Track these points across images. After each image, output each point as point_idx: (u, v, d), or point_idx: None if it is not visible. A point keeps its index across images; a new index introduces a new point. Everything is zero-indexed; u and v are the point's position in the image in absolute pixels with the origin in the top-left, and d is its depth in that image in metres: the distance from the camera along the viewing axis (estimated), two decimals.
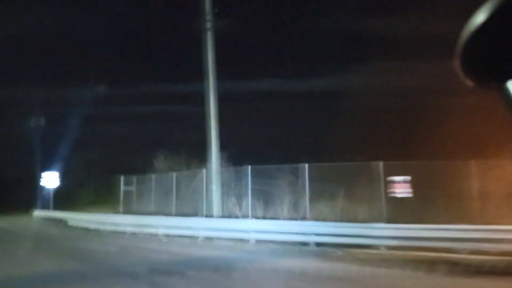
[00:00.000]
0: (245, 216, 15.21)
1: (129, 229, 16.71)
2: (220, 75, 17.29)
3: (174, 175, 20.14)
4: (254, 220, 13.51)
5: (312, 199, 14.28)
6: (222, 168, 17.62)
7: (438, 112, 17.30)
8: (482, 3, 0.96)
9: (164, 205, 20.74)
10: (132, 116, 40.11)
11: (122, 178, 25.11)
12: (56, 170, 35.02)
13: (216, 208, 16.98)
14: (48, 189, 33.49)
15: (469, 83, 1.07)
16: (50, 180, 32.64)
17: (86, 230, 19.61)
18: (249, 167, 16.61)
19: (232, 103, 26.70)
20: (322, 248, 11.58)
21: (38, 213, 30.66)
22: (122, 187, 25.13)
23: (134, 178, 23.98)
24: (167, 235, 15.13)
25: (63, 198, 34.86)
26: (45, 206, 33.64)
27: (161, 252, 11.68)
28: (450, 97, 15.60)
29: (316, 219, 13.13)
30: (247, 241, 13.09)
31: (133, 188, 23.83)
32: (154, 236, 15.46)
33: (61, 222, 24.57)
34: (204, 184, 18.37)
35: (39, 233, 19.07)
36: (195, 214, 17.52)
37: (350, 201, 14.29)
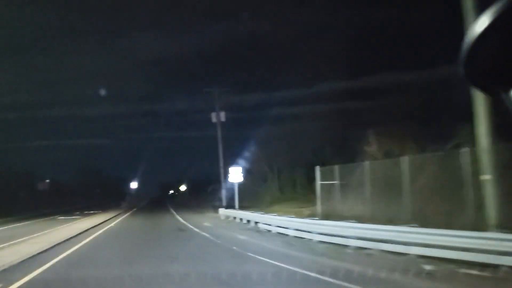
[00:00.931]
0: None
1: (353, 242, 10.88)
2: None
3: (404, 161, 13.60)
4: None
5: None
6: (495, 145, 10.54)
7: None
8: None
9: (387, 205, 14.46)
10: (311, 114, 36.27)
11: (318, 170, 19.71)
12: (240, 166, 32.24)
13: (492, 211, 10.05)
14: (233, 186, 30.62)
15: (474, 89, 1.12)
16: (235, 175, 29.58)
17: (284, 237, 14.59)
18: None
19: None
20: None
21: (224, 211, 27.56)
22: (318, 182, 19.71)
23: (335, 169, 18.26)
24: (425, 258, 8.81)
25: (247, 195, 31.84)
26: (230, 204, 30.91)
27: None
28: None
29: None
30: None
31: (335, 182, 18.13)
32: (402, 257, 9.27)
33: (249, 224, 20.41)
34: (462, 173, 11.52)
35: (226, 239, 14.73)
36: (450, 221, 10.80)
37: None
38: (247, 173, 33.62)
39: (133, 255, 10.93)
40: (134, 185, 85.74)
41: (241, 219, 22.54)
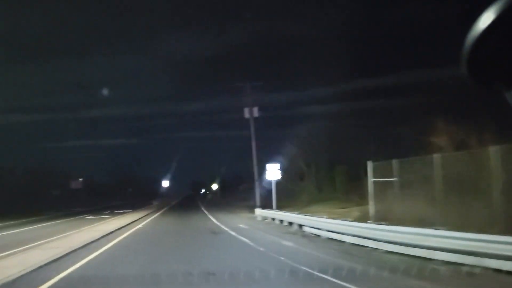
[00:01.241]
0: None
1: (440, 255, 8.39)
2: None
3: (494, 152, 10.89)
4: None
5: None
6: None
7: None
8: None
9: (466, 206, 11.79)
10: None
11: (370, 166, 17.14)
12: (277, 162, 29.91)
13: None
14: (267, 185, 28.41)
15: (476, 87, 1.01)
16: (272, 172, 27.27)
17: (339, 245, 12.20)
18: None
19: None
20: None
21: (260, 212, 25.32)
22: (371, 179, 17.12)
23: (393, 164, 15.63)
24: None
25: (282, 195, 29.55)
26: (264, 204, 28.72)
27: None
28: None
29: None
30: None
31: (394, 179, 15.51)
32: None
33: (291, 227, 18.08)
34: None
35: (270, 246, 12.44)
36: None
37: None
38: (283, 171, 31.38)
39: (157, 272, 8.70)
40: (165, 184, 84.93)
41: (281, 221, 20.23)
